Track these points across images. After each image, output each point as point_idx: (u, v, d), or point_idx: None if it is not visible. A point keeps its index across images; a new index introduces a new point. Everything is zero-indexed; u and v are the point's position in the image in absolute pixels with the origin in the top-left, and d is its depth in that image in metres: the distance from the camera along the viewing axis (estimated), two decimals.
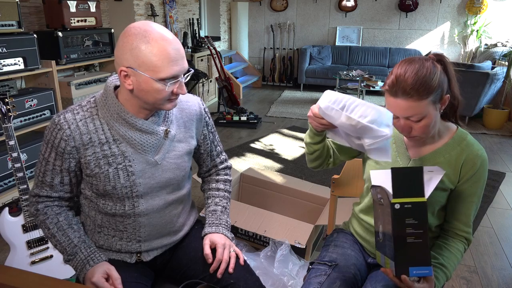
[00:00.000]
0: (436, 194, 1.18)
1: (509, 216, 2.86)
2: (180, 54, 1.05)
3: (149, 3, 4.80)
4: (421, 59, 1.11)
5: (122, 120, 1.11)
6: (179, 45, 1.05)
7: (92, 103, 1.14)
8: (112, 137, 1.12)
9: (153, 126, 1.13)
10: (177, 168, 1.20)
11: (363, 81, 5.96)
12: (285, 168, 3.63)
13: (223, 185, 1.41)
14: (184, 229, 1.31)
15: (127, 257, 1.22)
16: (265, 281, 1.80)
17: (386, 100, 1.14)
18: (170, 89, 1.06)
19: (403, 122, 1.12)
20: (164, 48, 1.01)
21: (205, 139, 1.33)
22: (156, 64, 1.01)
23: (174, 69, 1.03)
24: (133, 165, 1.13)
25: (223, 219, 1.32)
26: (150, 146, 1.14)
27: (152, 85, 1.03)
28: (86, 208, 1.23)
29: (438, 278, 1.13)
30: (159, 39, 1.01)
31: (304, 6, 7.29)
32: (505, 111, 4.97)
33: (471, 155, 1.17)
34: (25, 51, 2.76)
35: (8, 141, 1.83)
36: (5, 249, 2.22)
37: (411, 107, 1.07)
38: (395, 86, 1.08)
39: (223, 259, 1.20)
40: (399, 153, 1.27)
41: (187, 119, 1.24)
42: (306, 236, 2.05)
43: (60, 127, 1.10)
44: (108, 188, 1.13)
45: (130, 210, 1.16)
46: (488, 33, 6.34)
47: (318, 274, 1.22)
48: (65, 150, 1.11)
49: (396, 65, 1.13)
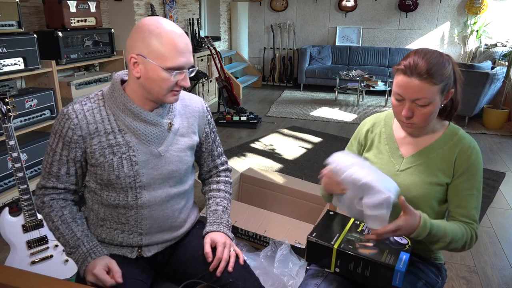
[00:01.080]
0: (432, 189, 1.20)
1: (509, 216, 2.86)
2: (187, 48, 1.11)
3: (149, 3, 4.80)
4: (437, 50, 1.16)
5: (128, 111, 1.15)
6: (187, 40, 1.12)
7: (99, 96, 1.19)
8: (118, 127, 1.16)
9: (157, 118, 1.17)
10: (179, 161, 1.23)
11: (363, 81, 5.96)
12: (285, 168, 3.63)
13: (224, 186, 1.42)
14: (185, 226, 1.32)
15: (128, 252, 1.23)
16: (265, 281, 1.80)
17: (396, 79, 1.16)
18: (175, 80, 1.11)
19: (408, 105, 1.14)
20: (173, 40, 1.08)
21: (207, 138, 1.36)
22: (165, 54, 1.07)
23: (180, 60, 1.09)
24: (137, 155, 1.16)
25: (224, 218, 1.33)
26: (154, 137, 1.17)
27: (158, 74, 1.09)
28: (89, 202, 1.25)
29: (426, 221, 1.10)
30: (169, 32, 1.08)
31: (304, 6, 7.29)
32: (505, 111, 4.97)
33: (464, 147, 1.20)
34: (25, 51, 2.76)
35: (8, 141, 1.83)
36: (5, 249, 2.22)
37: (423, 89, 1.10)
38: (409, 65, 1.11)
39: (223, 257, 1.21)
40: (392, 153, 1.29)
41: (190, 115, 1.28)
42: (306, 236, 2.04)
43: (68, 116, 1.14)
44: (112, 177, 1.15)
45: (133, 201, 1.18)
46: (488, 33, 6.34)
47: (315, 276, 1.22)
48: (72, 139, 1.14)
49: (413, 51, 1.16)
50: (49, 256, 1.95)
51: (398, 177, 1.24)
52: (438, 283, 1.29)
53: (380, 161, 1.29)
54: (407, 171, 1.24)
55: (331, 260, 1.13)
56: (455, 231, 1.14)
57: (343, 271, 1.12)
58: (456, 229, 1.15)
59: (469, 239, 1.17)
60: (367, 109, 5.88)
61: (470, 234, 1.17)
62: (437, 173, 1.21)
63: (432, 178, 1.21)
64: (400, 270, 1.03)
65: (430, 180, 1.21)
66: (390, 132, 1.31)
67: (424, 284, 1.24)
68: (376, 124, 1.36)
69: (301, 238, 2.04)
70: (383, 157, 1.30)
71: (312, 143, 4.37)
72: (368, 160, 1.32)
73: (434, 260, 1.32)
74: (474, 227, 1.18)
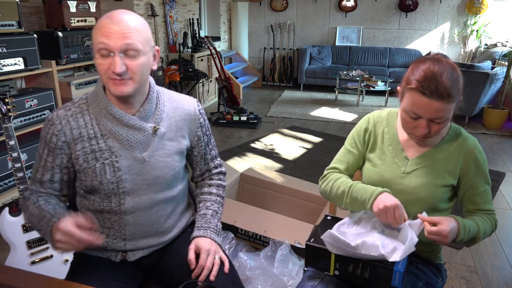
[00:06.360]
0: (438, 191, 1.21)
1: (509, 216, 2.86)
2: (118, 31, 1.00)
3: (149, 3, 4.80)
4: (443, 59, 1.12)
5: (109, 115, 1.11)
6: (125, 25, 1.01)
7: (83, 99, 1.16)
8: (100, 131, 1.12)
9: (140, 122, 1.13)
10: (165, 166, 1.18)
11: (363, 81, 5.96)
12: (285, 168, 3.63)
13: (216, 190, 1.37)
14: (173, 231, 1.29)
15: (113, 256, 1.22)
16: (265, 281, 1.80)
17: (413, 99, 1.11)
18: (105, 63, 1.02)
19: (426, 123, 1.12)
20: (103, 23, 1.02)
21: (199, 141, 1.30)
22: (94, 36, 1.03)
23: (101, 39, 1.00)
24: (119, 161, 1.13)
25: (213, 223, 1.27)
26: (137, 142, 1.13)
27: (95, 60, 1.05)
28: (79, 205, 1.24)
29: (463, 221, 1.14)
30: (106, 16, 1.03)
31: (304, 6, 7.29)
32: (505, 111, 4.97)
33: (470, 149, 1.21)
34: (25, 51, 2.76)
35: (8, 141, 1.83)
36: (5, 249, 2.22)
37: (443, 109, 1.08)
38: (429, 86, 1.06)
39: (205, 265, 1.16)
40: (396, 154, 1.27)
41: (179, 118, 1.22)
42: (306, 236, 2.05)
43: (52, 122, 1.12)
44: (95, 184, 1.13)
45: (116, 207, 1.16)
46: (488, 33, 6.34)
47: (312, 278, 1.21)
48: (57, 145, 1.12)
49: (420, 62, 1.11)
50: (49, 256, 1.95)
51: (404, 179, 1.24)
52: (438, 283, 1.29)
53: (384, 162, 1.28)
54: (413, 173, 1.23)
55: (330, 263, 1.13)
56: (485, 225, 1.20)
57: (342, 274, 1.12)
58: (483, 223, 1.20)
59: (494, 227, 1.24)
60: (367, 109, 5.88)
61: (494, 223, 1.24)
62: (443, 175, 1.21)
63: (439, 180, 1.21)
64: (399, 270, 1.03)
65: (437, 182, 1.21)
66: (393, 133, 1.29)
67: (424, 284, 1.24)
68: (378, 123, 1.33)
69: (301, 238, 2.04)
70: (386, 158, 1.28)
71: (312, 143, 4.37)
72: (372, 161, 1.31)
73: (434, 260, 1.32)
74: (494, 216, 1.25)
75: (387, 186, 1.23)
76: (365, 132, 1.33)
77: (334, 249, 1.09)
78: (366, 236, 1.09)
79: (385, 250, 1.05)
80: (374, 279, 1.07)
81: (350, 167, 1.34)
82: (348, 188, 1.23)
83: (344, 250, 1.08)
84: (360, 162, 1.35)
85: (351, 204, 1.23)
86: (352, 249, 1.06)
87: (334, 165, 1.36)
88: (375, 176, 1.28)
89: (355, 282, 1.11)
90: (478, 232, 1.17)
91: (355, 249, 1.05)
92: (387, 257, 1.04)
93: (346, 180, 1.27)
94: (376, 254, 1.04)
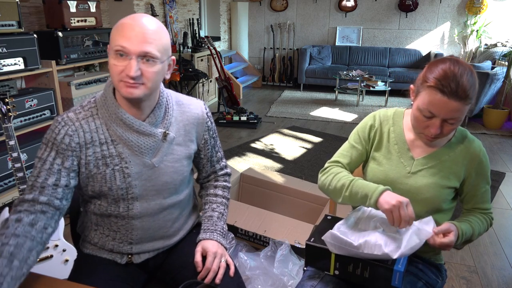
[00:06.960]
0: (443, 192, 1.21)
1: (509, 216, 2.86)
2: (139, 34, 0.99)
3: (149, 3, 4.80)
4: (462, 61, 1.12)
5: (119, 121, 1.09)
6: (146, 29, 1.00)
7: (92, 103, 1.13)
8: (110, 137, 1.11)
9: (150, 128, 1.12)
10: (175, 172, 1.18)
11: (363, 81, 5.96)
12: (285, 168, 3.63)
13: (222, 191, 1.37)
14: (179, 234, 1.29)
15: (118, 258, 1.22)
16: (265, 281, 1.80)
17: (430, 97, 1.10)
18: (120, 65, 1.01)
19: (440, 123, 1.12)
20: (123, 24, 1.02)
21: (206, 144, 1.30)
22: (112, 37, 1.03)
23: (120, 41, 0.99)
24: (129, 167, 1.12)
25: (219, 225, 1.27)
26: (147, 148, 1.12)
27: (109, 60, 1.04)
28: (84, 207, 1.23)
29: (461, 226, 1.17)
30: (127, 19, 1.03)
31: (304, 6, 7.29)
32: (505, 111, 4.97)
33: (475, 152, 1.22)
34: (25, 51, 2.76)
35: (8, 141, 1.83)
36: None
37: (459, 110, 1.08)
38: (449, 85, 1.06)
39: (212, 268, 1.16)
40: (402, 154, 1.27)
41: (188, 122, 1.22)
42: (306, 236, 2.05)
43: (65, 123, 1.08)
44: (104, 189, 1.12)
45: (124, 212, 1.16)
46: (488, 33, 6.34)
47: (311, 277, 1.21)
48: (69, 147, 1.07)
49: (439, 62, 1.11)
50: (49, 256, 1.95)
51: (409, 179, 1.24)
52: (438, 283, 1.29)
53: (389, 162, 1.28)
54: (418, 173, 1.23)
55: (330, 263, 1.13)
56: (480, 227, 1.23)
57: (342, 274, 1.12)
58: (478, 223, 1.23)
59: (489, 225, 1.27)
60: (367, 109, 5.88)
61: (490, 221, 1.27)
62: (449, 176, 1.22)
63: (444, 181, 1.21)
64: (399, 270, 1.03)
65: (442, 183, 1.21)
66: (400, 132, 1.29)
67: (424, 284, 1.24)
68: (384, 122, 1.32)
69: (301, 238, 2.04)
70: (392, 157, 1.28)
71: (312, 143, 4.37)
72: (377, 160, 1.30)
73: (434, 260, 1.32)
74: (490, 214, 1.28)
75: (392, 185, 1.23)
76: (370, 129, 1.32)
77: (335, 249, 1.09)
78: (368, 236, 1.09)
79: (388, 248, 1.05)
80: (374, 278, 1.07)
81: (352, 162, 1.34)
82: (349, 182, 1.21)
83: (346, 250, 1.08)
84: (362, 158, 1.35)
85: (350, 198, 1.20)
86: (355, 248, 1.05)
87: (336, 159, 1.35)
88: (380, 175, 1.28)
89: (355, 281, 1.11)
90: (473, 235, 1.21)
91: (358, 249, 1.05)
92: (391, 255, 1.04)
93: (347, 174, 1.26)
94: (379, 253, 1.04)
